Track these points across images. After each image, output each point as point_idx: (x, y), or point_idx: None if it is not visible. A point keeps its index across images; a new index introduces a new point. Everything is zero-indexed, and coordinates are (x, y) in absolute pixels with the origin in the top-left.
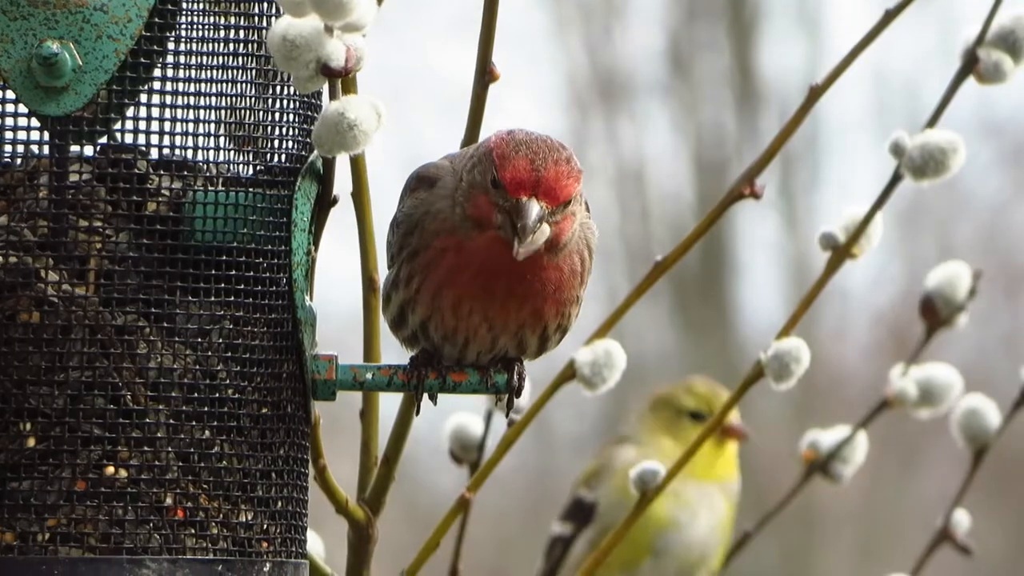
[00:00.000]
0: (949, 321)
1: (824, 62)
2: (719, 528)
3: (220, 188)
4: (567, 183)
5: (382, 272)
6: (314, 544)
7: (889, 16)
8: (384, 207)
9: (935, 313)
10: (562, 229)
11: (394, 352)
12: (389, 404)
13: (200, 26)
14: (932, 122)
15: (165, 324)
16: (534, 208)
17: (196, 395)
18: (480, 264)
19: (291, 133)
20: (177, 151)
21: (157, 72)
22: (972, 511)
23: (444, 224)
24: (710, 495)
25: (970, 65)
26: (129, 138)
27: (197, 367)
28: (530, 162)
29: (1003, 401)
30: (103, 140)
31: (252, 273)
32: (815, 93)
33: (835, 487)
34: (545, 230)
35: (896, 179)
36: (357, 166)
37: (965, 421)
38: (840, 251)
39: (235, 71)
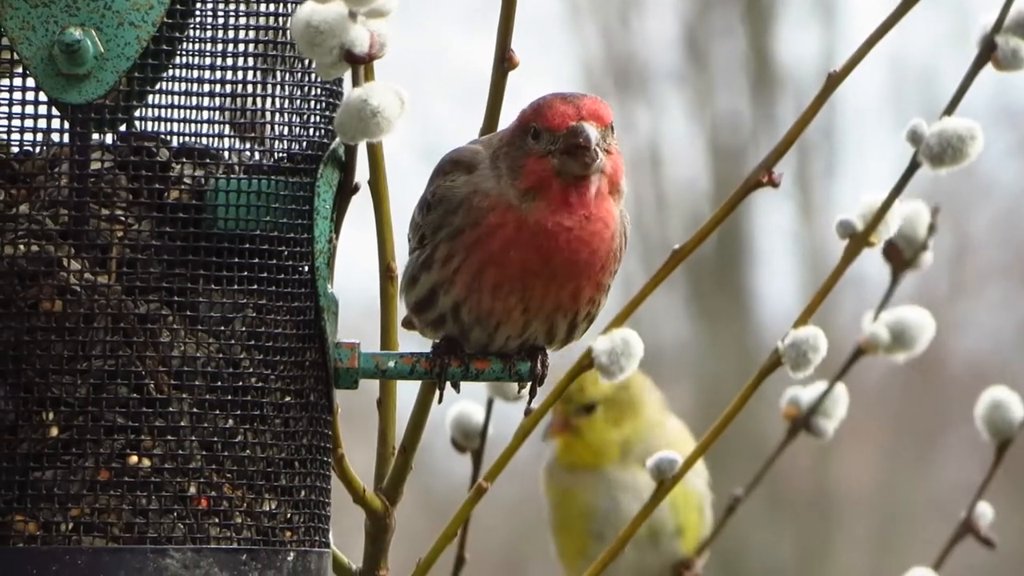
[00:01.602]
0: (914, 261)
1: (840, 48)
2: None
3: (242, 176)
4: (604, 105)
5: (399, 260)
6: None
7: (907, 3)
8: (402, 195)
9: (899, 254)
10: (616, 165)
11: (411, 340)
12: (406, 393)
13: (222, 12)
14: (950, 110)
15: (188, 312)
16: (587, 126)
17: (219, 384)
18: (542, 238)
19: (313, 120)
20: (199, 139)
21: (179, 59)
22: (990, 498)
23: (499, 201)
24: (622, 476)
25: (988, 52)
26: (150, 126)
27: (220, 356)
28: (562, 100)
29: (1020, 391)
30: (124, 128)
31: (274, 261)
32: (833, 81)
33: (820, 441)
34: (602, 157)
35: (914, 167)
36: (375, 154)
37: (989, 414)
38: (858, 239)
39: (257, 58)
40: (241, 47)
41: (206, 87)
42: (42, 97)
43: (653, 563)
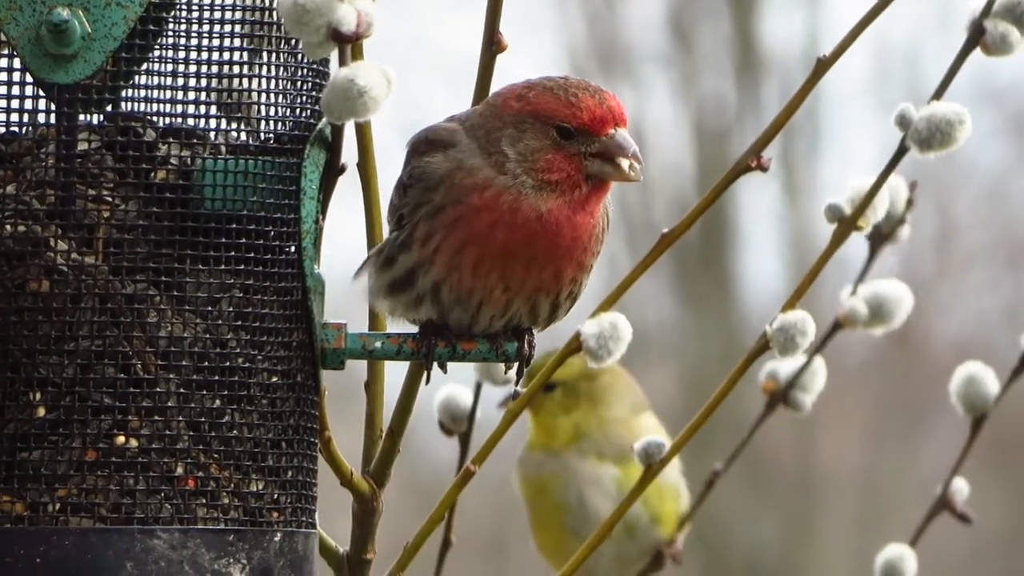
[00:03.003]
0: (891, 235)
1: (825, 32)
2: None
3: (229, 156)
4: (623, 103)
5: None
6: None
7: None
8: (390, 177)
9: (877, 229)
10: None
11: (398, 321)
12: (394, 376)
13: None
14: (938, 94)
15: (175, 293)
16: (628, 136)
17: (206, 364)
18: (540, 224)
19: (300, 100)
20: (185, 119)
21: (166, 40)
22: (974, 482)
23: (489, 182)
24: (583, 467)
25: (976, 37)
26: (138, 106)
27: (207, 336)
28: (592, 97)
29: (1005, 372)
30: (111, 108)
31: (261, 241)
32: (822, 66)
33: (797, 414)
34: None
35: (902, 151)
36: (363, 135)
37: (964, 389)
38: (846, 223)
39: (244, 38)
40: (228, 27)
41: (193, 67)
42: (29, 78)
43: (632, 552)
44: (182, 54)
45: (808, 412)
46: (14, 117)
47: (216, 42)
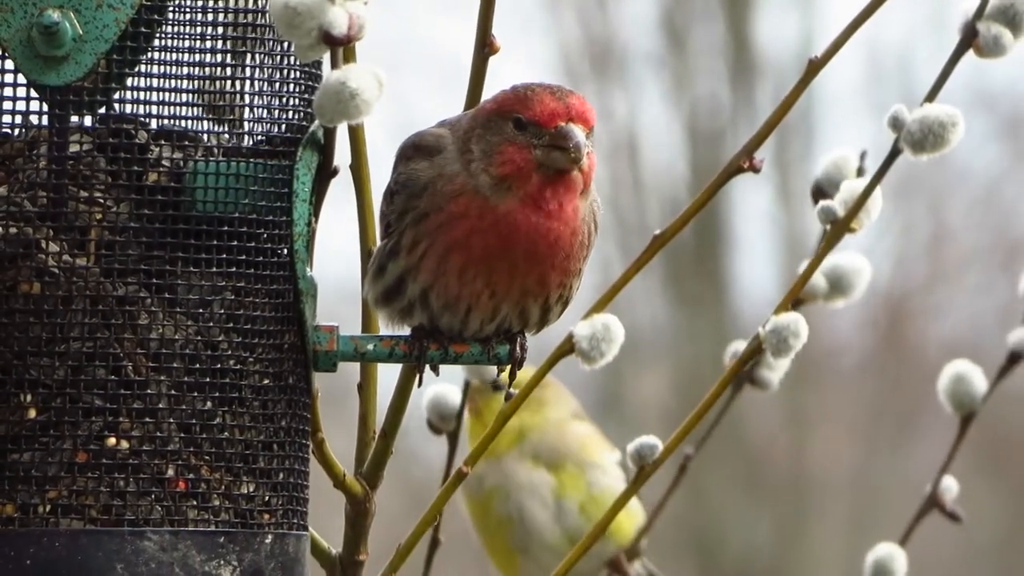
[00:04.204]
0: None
1: (819, 34)
2: (568, 500)
3: (221, 158)
4: (590, 107)
5: None
6: None
7: None
8: (382, 179)
9: (827, 199)
10: (591, 165)
11: (398, 328)
12: (387, 377)
13: None
14: (931, 96)
15: (166, 295)
16: (575, 129)
17: (197, 366)
18: (506, 227)
19: (292, 103)
20: (178, 121)
21: (158, 42)
22: (967, 484)
23: (463, 187)
24: (520, 471)
25: (969, 39)
26: (130, 108)
27: (198, 338)
28: (552, 94)
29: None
30: (103, 110)
31: (253, 244)
32: (814, 67)
33: (765, 393)
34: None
35: (895, 153)
36: (356, 138)
37: (951, 387)
38: (839, 225)
39: (236, 40)
40: (220, 29)
41: (185, 69)
42: (21, 79)
43: (585, 568)
44: (174, 56)
45: (775, 390)
46: (6, 119)
47: (208, 44)
